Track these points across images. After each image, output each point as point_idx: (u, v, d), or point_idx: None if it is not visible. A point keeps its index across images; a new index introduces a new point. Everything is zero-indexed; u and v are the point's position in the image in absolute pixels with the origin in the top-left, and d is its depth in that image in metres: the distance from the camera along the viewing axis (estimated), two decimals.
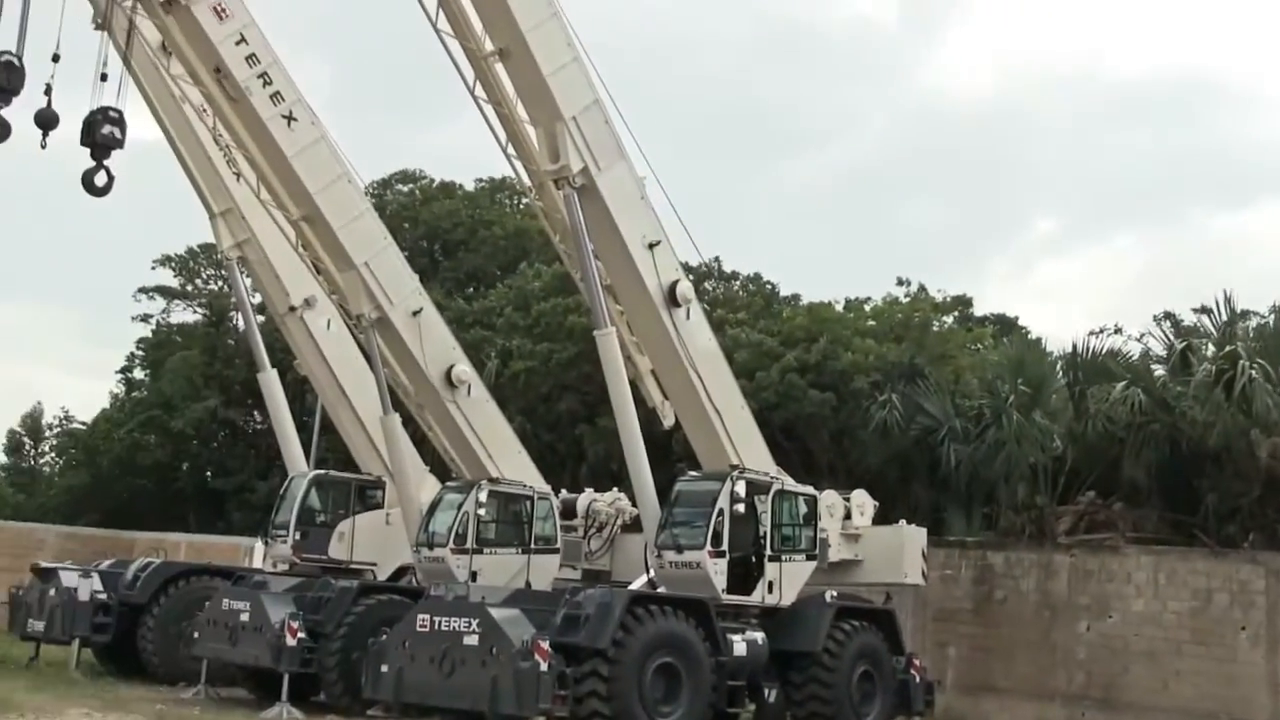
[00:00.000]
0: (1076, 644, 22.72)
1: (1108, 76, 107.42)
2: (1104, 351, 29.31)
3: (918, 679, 20.37)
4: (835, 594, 19.98)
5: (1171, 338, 29.02)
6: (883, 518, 22.20)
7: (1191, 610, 21.71)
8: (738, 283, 40.55)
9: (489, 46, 19.10)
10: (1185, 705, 21.32)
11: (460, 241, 49.13)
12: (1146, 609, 22.07)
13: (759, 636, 18.55)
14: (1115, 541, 24.72)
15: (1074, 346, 29.48)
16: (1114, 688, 22.03)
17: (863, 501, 21.85)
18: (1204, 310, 28.69)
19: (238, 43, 20.81)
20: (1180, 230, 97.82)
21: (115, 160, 20.73)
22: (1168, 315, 30.61)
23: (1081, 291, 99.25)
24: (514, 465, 22.82)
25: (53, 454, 59.39)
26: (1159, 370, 28.44)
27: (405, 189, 51.14)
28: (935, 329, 35.86)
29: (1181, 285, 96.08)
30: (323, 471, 26.00)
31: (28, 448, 60.09)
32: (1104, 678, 22.25)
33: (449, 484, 22.96)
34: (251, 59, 20.96)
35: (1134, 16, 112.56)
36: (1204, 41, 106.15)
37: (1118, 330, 30.56)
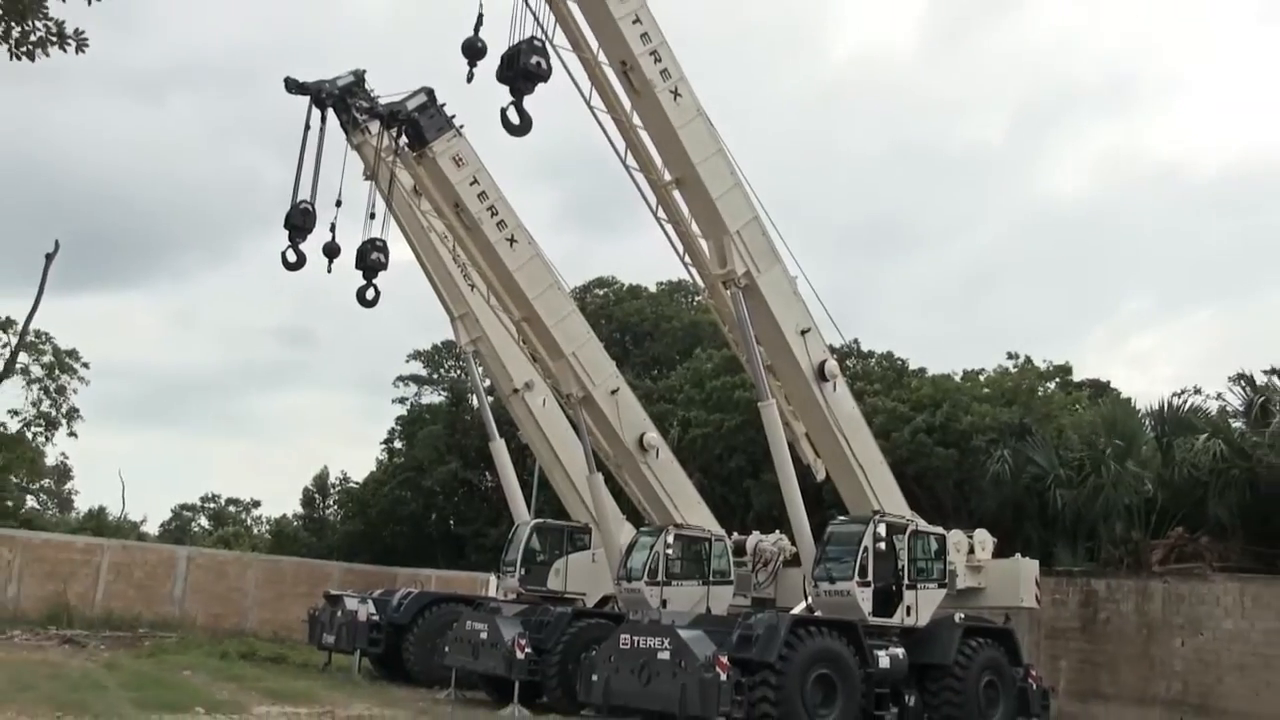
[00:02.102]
0: (1173, 658, 21.46)
1: (1192, 173, 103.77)
2: (1186, 409, 28.19)
3: (1035, 687, 19.58)
4: (963, 616, 19.46)
5: (1250, 394, 27.63)
6: (1000, 552, 21.48)
7: (1278, 629, 20.35)
8: (874, 359, 39.91)
9: (667, 177, 19.35)
10: (1276, 712, 19.89)
11: (646, 333, 49.66)
12: (1235, 628, 20.68)
13: (900, 652, 18.08)
14: (1203, 570, 23.39)
15: (1161, 405, 28.40)
16: (1210, 696, 20.67)
17: (984, 539, 21.19)
18: (1274, 372, 27.36)
19: (471, 183, 21.66)
20: (1253, 305, 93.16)
21: (381, 279, 21.86)
22: (1242, 376, 29.08)
23: (1166, 359, 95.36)
24: (695, 513, 22.80)
25: (335, 506, 61.17)
26: (1236, 424, 27.21)
27: (601, 292, 51.82)
28: (1040, 394, 34.93)
29: (1253, 352, 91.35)
30: (541, 520, 26.27)
31: (317, 501, 62.10)
32: (1200, 687, 20.90)
33: (643, 529, 23.00)
34: (482, 195, 21.76)
35: (1219, 117, 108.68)
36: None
37: (1197, 391, 29.34)
